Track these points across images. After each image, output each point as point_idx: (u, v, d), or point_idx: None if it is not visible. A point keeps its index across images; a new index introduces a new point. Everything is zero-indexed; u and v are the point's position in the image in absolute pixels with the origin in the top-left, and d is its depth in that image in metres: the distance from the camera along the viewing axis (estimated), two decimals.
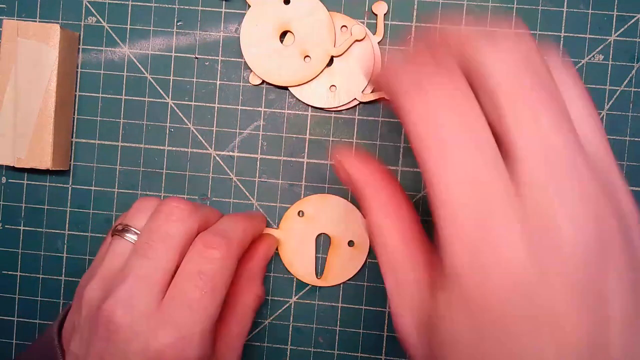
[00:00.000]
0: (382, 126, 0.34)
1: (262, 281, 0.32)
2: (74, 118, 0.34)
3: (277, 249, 0.33)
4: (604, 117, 0.33)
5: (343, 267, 0.33)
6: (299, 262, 0.33)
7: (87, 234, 0.35)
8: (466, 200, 0.16)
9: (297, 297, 0.34)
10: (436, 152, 0.17)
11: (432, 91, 0.17)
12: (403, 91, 0.18)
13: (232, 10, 0.34)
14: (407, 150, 0.34)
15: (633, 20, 0.33)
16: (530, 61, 0.17)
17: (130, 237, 0.27)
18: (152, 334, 0.24)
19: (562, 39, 0.33)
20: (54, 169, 0.32)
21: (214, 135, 0.34)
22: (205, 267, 0.25)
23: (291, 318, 0.34)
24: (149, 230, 0.26)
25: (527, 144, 0.16)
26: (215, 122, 0.34)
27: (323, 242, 0.34)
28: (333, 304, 0.34)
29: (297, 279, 0.34)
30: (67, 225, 0.35)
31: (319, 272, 0.34)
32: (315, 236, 0.33)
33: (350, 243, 0.33)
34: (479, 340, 0.16)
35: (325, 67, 0.33)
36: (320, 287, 0.34)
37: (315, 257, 0.33)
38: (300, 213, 0.33)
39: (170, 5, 0.34)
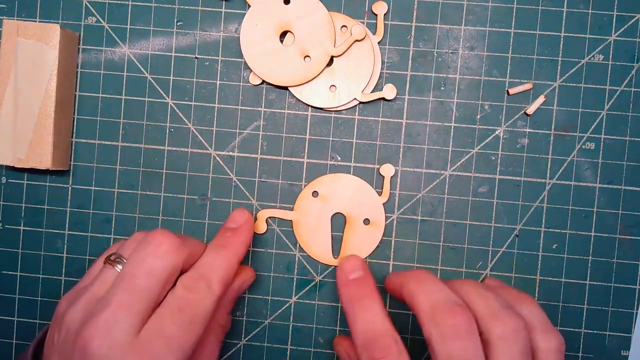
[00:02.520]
0: (382, 126, 0.34)
1: (229, 311, 0.32)
2: (74, 118, 0.34)
3: (293, 231, 0.34)
4: (604, 117, 0.33)
5: (359, 245, 0.33)
6: (315, 242, 0.33)
7: (87, 234, 0.35)
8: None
9: (297, 297, 0.34)
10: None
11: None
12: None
13: (232, 10, 0.34)
14: (407, 150, 0.34)
15: (633, 20, 0.33)
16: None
17: (119, 267, 0.27)
18: None
19: (562, 39, 0.33)
20: (54, 169, 0.32)
21: (214, 135, 0.34)
22: (185, 305, 0.26)
23: (291, 318, 0.34)
24: (134, 261, 0.26)
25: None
26: (215, 122, 0.34)
27: (339, 222, 0.34)
28: (333, 304, 0.34)
29: (314, 259, 0.34)
30: (67, 225, 0.35)
31: (336, 251, 0.34)
32: (331, 216, 0.33)
33: (366, 221, 0.33)
34: None
35: (325, 67, 0.33)
36: (320, 285, 0.34)
37: (331, 236, 0.34)
38: (315, 193, 0.33)
39: (170, 5, 0.34)
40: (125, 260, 0.27)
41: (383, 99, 0.33)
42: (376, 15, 0.33)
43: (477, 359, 0.24)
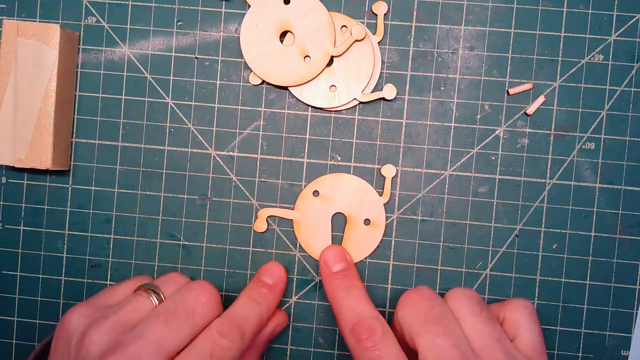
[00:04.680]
0: (382, 126, 0.34)
1: (259, 354, 0.32)
2: (74, 118, 0.34)
3: (293, 231, 0.34)
4: (604, 117, 0.33)
5: (360, 245, 0.33)
6: (315, 242, 0.33)
7: (87, 234, 0.35)
8: None
9: (297, 297, 0.34)
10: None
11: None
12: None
13: (232, 10, 0.34)
14: (407, 150, 0.34)
15: (633, 20, 0.33)
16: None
17: (155, 299, 0.28)
18: None
19: (562, 39, 0.33)
20: (54, 169, 0.32)
21: (214, 135, 0.34)
22: (217, 352, 0.26)
23: (291, 318, 0.34)
24: (175, 301, 0.27)
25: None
26: (215, 122, 0.34)
27: (339, 221, 0.34)
28: None
29: (314, 259, 0.34)
30: (67, 225, 0.35)
31: None
32: (331, 216, 0.33)
33: (366, 221, 0.33)
34: None
35: (325, 67, 0.33)
36: (320, 286, 0.34)
37: (332, 236, 0.34)
38: (316, 193, 0.33)
39: (170, 5, 0.34)
40: (160, 294, 0.28)
41: (383, 99, 0.33)
42: (376, 15, 0.33)
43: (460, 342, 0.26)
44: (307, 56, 0.33)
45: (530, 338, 0.28)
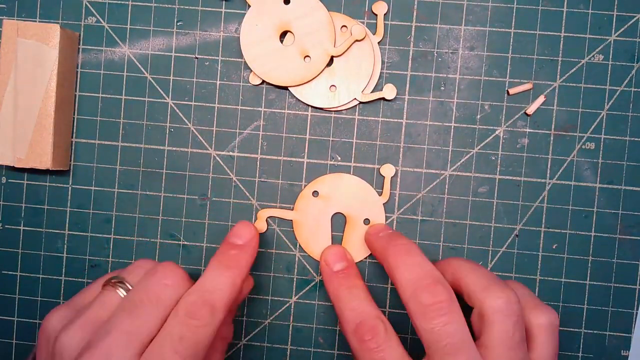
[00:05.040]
0: (382, 126, 0.34)
1: (230, 322, 0.31)
2: (74, 118, 0.34)
3: (293, 231, 0.34)
4: (604, 117, 0.33)
5: (360, 245, 0.33)
6: (315, 242, 0.33)
7: (87, 234, 0.35)
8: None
9: (297, 297, 0.34)
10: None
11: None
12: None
13: (232, 10, 0.34)
14: (407, 150, 0.34)
15: (633, 20, 0.33)
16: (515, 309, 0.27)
17: (122, 291, 0.27)
18: None
19: (562, 39, 0.33)
20: (54, 169, 0.32)
21: (214, 135, 0.34)
22: (187, 334, 0.25)
23: (291, 318, 0.34)
24: (139, 289, 0.26)
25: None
26: (215, 122, 0.34)
27: (339, 221, 0.34)
28: None
29: (314, 259, 0.34)
30: (67, 225, 0.35)
31: None
32: (331, 216, 0.33)
33: (366, 221, 0.33)
34: None
35: (325, 67, 0.33)
36: (320, 285, 0.34)
37: (332, 236, 0.34)
38: (315, 193, 0.33)
39: (170, 5, 0.34)
40: (127, 285, 0.27)
41: (383, 99, 0.33)
42: (376, 15, 0.33)
43: (459, 333, 0.24)
44: (307, 56, 0.33)
45: (545, 355, 0.27)
